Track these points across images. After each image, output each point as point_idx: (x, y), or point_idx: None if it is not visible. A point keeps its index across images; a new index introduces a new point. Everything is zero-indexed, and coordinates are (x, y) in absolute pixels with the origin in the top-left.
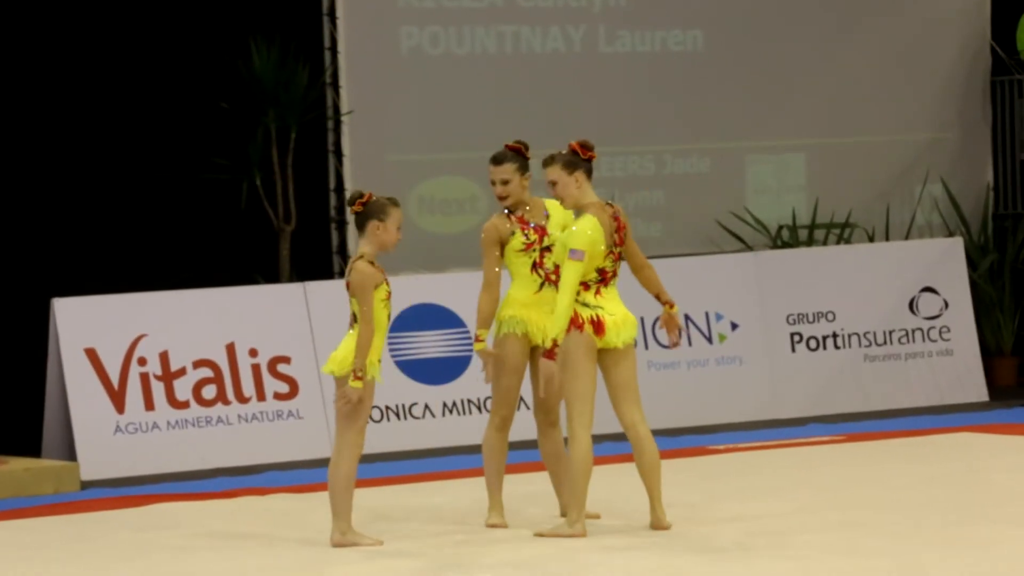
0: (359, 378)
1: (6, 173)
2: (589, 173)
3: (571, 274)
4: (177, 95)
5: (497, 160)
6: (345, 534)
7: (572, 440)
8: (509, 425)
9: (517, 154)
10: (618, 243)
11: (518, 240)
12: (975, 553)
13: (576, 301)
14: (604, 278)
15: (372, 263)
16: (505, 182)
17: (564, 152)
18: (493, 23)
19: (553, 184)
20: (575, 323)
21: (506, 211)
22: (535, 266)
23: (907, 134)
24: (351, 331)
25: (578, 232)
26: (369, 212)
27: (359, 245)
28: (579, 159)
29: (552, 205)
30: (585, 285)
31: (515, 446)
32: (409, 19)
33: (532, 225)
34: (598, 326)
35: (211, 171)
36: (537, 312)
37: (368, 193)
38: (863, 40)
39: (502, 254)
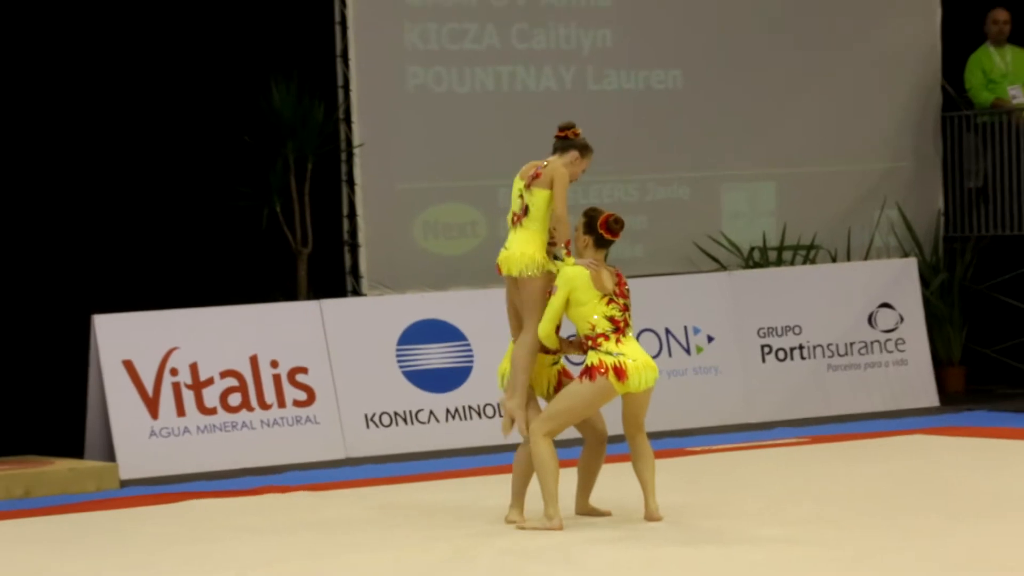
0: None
1: (51, 202)
2: (599, 244)
3: (549, 303)
4: (205, 129)
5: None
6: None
7: (534, 445)
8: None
9: None
10: (619, 294)
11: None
12: (929, 542)
13: (599, 351)
14: (617, 327)
15: None
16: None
17: (593, 212)
18: (491, 64)
19: None
20: (599, 370)
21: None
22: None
23: (866, 164)
24: (517, 229)
25: (559, 273)
26: (576, 144)
27: (553, 159)
28: (594, 226)
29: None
30: (605, 336)
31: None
32: (415, 60)
33: (550, 292)
34: (620, 372)
35: (235, 198)
36: (538, 364)
37: (574, 125)
38: (827, 78)
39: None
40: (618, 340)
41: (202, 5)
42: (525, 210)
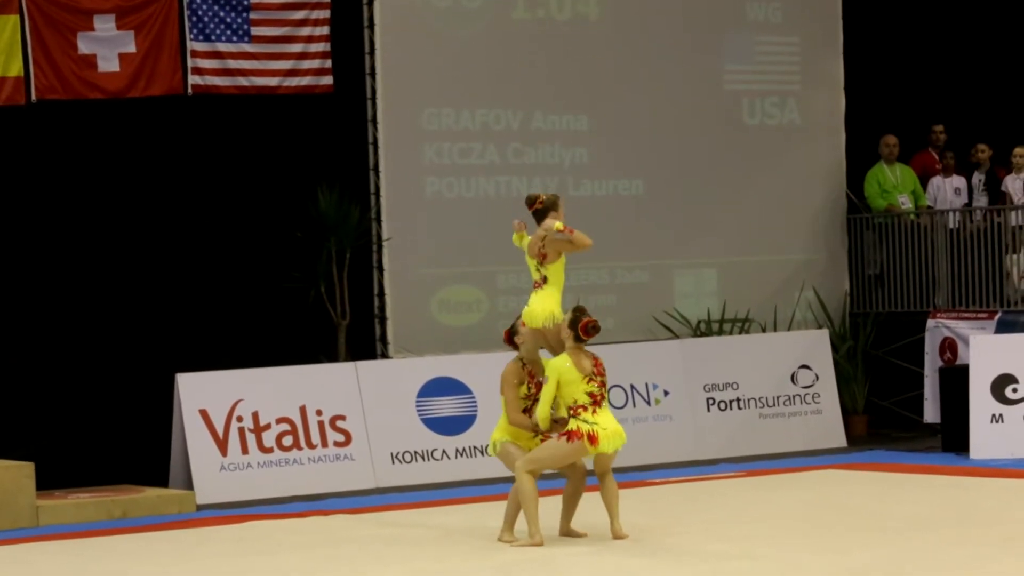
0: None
1: (149, 286)
2: (576, 340)
3: (543, 391)
4: (266, 227)
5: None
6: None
7: (520, 479)
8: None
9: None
10: (597, 373)
11: (523, 390)
12: (839, 555)
13: (578, 419)
14: (595, 400)
15: None
16: None
17: (577, 313)
18: (492, 175)
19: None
20: (576, 435)
21: (522, 363)
22: (526, 411)
23: (789, 255)
24: (538, 292)
25: (547, 364)
26: (548, 208)
27: (541, 232)
28: (576, 328)
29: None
30: (584, 407)
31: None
32: (432, 172)
33: (535, 380)
34: (593, 439)
35: (289, 281)
36: (523, 439)
37: (539, 195)
38: (759, 188)
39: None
40: (594, 411)
41: (268, 134)
42: (544, 279)
